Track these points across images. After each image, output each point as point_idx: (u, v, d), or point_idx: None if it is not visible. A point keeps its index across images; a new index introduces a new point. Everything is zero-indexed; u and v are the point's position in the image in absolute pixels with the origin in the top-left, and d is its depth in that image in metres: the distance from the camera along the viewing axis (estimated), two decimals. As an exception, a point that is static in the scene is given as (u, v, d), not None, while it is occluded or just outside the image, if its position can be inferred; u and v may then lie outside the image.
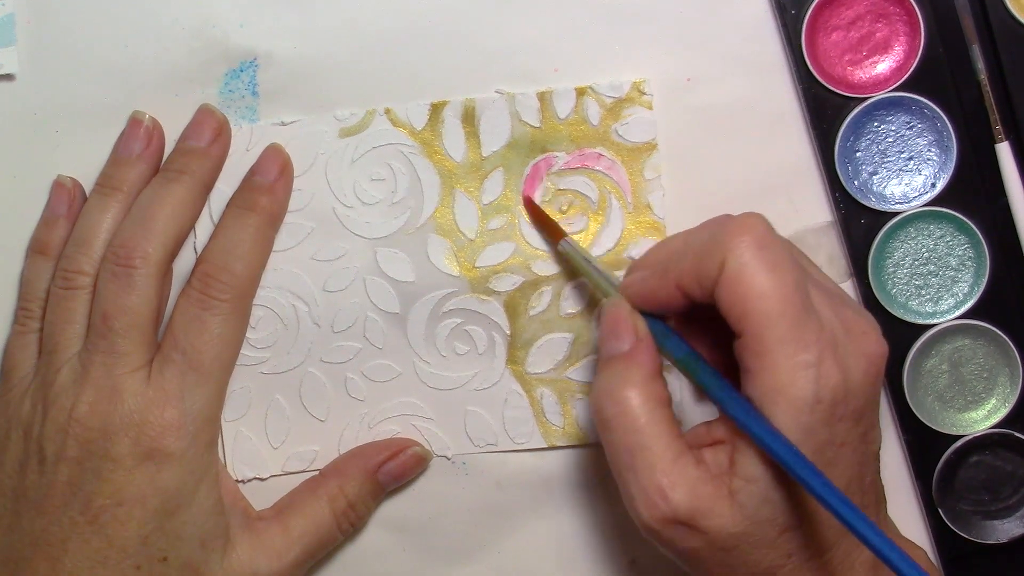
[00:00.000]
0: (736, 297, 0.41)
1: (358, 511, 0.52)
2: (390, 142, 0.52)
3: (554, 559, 0.53)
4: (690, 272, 0.42)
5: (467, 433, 0.53)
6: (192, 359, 0.49)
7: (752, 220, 0.42)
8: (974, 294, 0.52)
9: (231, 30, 0.52)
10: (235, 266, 0.50)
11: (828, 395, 0.40)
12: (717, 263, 0.41)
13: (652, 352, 0.44)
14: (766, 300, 0.40)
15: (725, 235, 0.42)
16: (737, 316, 0.41)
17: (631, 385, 0.43)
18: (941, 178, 0.51)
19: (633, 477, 0.42)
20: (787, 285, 0.41)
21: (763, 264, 0.41)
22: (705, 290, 0.42)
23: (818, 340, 0.41)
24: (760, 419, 0.40)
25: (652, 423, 0.42)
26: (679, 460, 0.42)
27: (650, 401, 0.43)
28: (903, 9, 0.51)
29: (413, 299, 0.52)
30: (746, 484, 0.41)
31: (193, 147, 0.51)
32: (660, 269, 0.44)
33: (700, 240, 0.43)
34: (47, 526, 0.48)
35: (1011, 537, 0.52)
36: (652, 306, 0.45)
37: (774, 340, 0.40)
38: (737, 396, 0.41)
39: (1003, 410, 0.52)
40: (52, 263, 0.51)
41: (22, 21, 0.52)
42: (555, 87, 0.52)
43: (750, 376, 0.41)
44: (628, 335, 0.44)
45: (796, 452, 0.39)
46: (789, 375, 0.40)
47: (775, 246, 0.42)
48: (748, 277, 0.41)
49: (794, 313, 0.40)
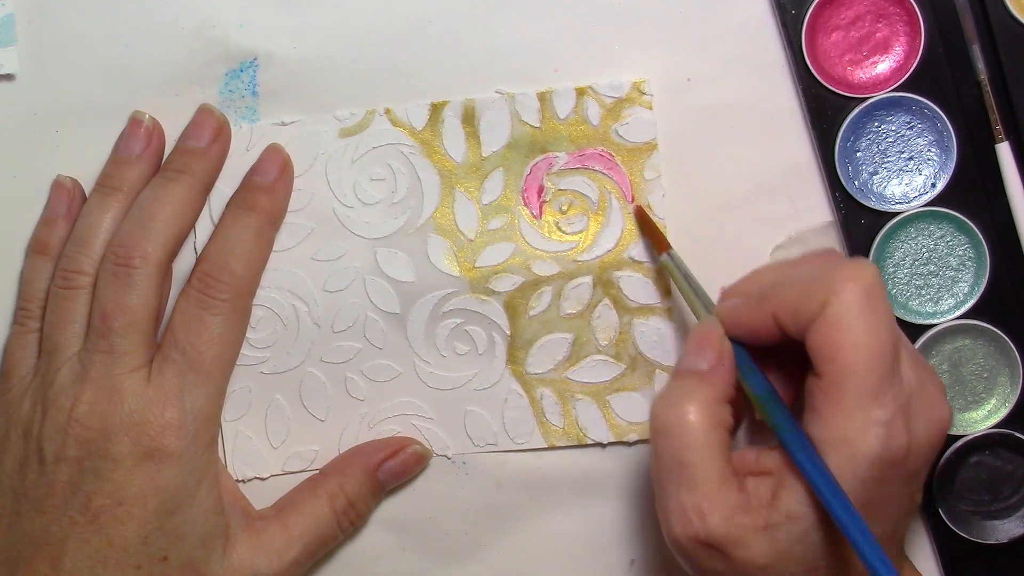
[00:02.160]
0: (829, 341, 0.41)
1: (358, 510, 0.52)
2: (390, 142, 0.52)
3: (554, 559, 0.53)
4: (788, 306, 0.42)
5: (467, 433, 0.53)
6: (192, 359, 0.49)
7: (864, 269, 0.42)
8: (974, 294, 0.52)
9: (231, 30, 0.52)
10: (235, 266, 0.50)
11: (891, 454, 0.40)
12: (819, 302, 0.41)
13: (728, 378, 0.44)
14: (859, 352, 0.40)
15: (834, 277, 0.41)
16: (826, 359, 0.41)
17: (696, 401, 0.43)
18: (941, 178, 0.51)
19: (675, 490, 0.42)
20: (882, 343, 0.41)
21: (865, 315, 0.41)
22: (800, 326, 0.42)
23: (895, 400, 0.41)
24: (824, 470, 0.40)
25: (707, 444, 0.42)
26: (724, 485, 0.42)
27: (711, 421, 0.43)
28: (903, 9, 0.51)
29: (413, 299, 0.52)
30: (786, 521, 0.41)
31: (193, 147, 0.51)
32: (756, 298, 0.44)
33: (805, 275, 0.43)
34: (47, 526, 0.48)
35: (1011, 537, 0.52)
36: (743, 334, 0.45)
37: (854, 392, 0.40)
38: (806, 443, 0.41)
39: (1003, 410, 0.52)
40: (52, 263, 0.51)
41: (22, 21, 0.52)
42: (555, 87, 0.52)
43: (818, 417, 0.41)
44: (710, 355, 0.44)
45: (850, 507, 0.39)
46: (860, 429, 0.40)
47: (881, 300, 0.41)
48: (847, 325, 0.41)
49: (881, 371, 0.41)
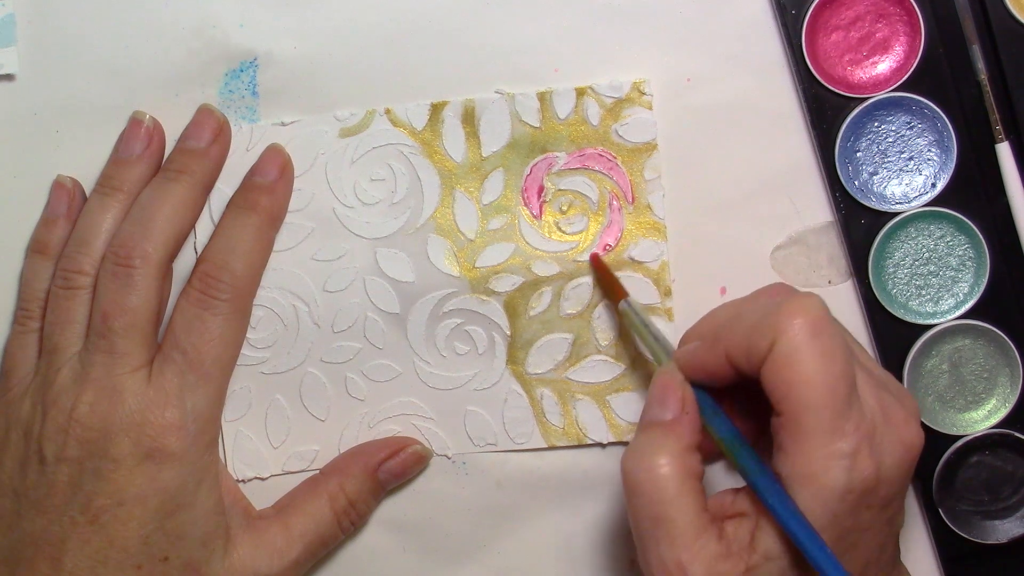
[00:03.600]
0: (781, 379, 0.41)
1: (359, 509, 0.52)
2: (390, 142, 0.52)
3: (554, 559, 0.53)
4: (740, 346, 0.42)
5: (467, 433, 0.53)
6: (192, 359, 0.49)
7: (809, 303, 0.41)
8: (974, 294, 0.52)
9: (231, 30, 0.52)
10: (235, 266, 0.50)
11: (859, 485, 0.40)
12: (767, 341, 0.41)
13: (694, 425, 0.44)
14: (811, 388, 0.40)
15: (780, 315, 0.41)
16: (780, 397, 0.41)
17: (665, 454, 0.43)
18: (941, 178, 0.51)
19: (654, 546, 0.42)
20: (834, 376, 0.40)
21: (813, 351, 0.41)
22: (753, 366, 0.42)
23: (856, 430, 0.40)
24: (793, 510, 0.40)
25: (680, 495, 0.42)
26: (702, 536, 0.42)
27: (681, 473, 0.42)
28: (903, 9, 0.51)
29: (413, 299, 0.52)
30: (765, 561, 0.41)
31: (193, 147, 0.51)
32: (711, 339, 0.44)
33: (753, 313, 0.43)
34: (47, 526, 0.48)
35: (1011, 537, 0.52)
36: (702, 376, 0.45)
37: (812, 428, 0.40)
38: (774, 484, 0.41)
39: (1003, 410, 0.52)
40: (52, 263, 0.51)
41: (22, 21, 0.52)
42: (555, 87, 0.52)
43: (783, 455, 0.41)
44: (674, 405, 0.44)
45: (820, 542, 0.39)
46: (823, 463, 0.40)
47: (828, 333, 0.41)
48: (796, 362, 0.40)
49: (836, 404, 0.40)
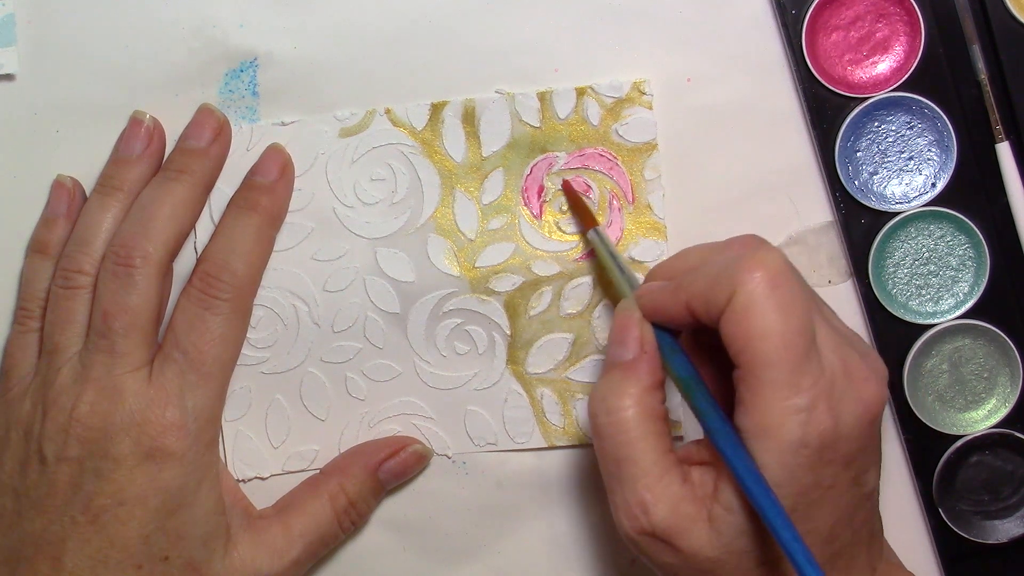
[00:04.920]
0: (738, 332, 0.40)
1: (359, 509, 0.52)
2: (390, 142, 0.52)
3: (554, 559, 0.53)
4: (700, 296, 0.42)
5: (467, 433, 0.53)
6: (193, 359, 0.49)
7: (768, 256, 0.41)
8: (974, 294, 0.52)
9: (231, 30, 0.52)
10: (236, 265, 0.50)
11: (815, 440, 0.40)
12: (726, 293, 0.41)
13: (654, 365, 0.44)
14: (767, 341, 0.40)
15: (739, 267, 0.41)
16: (737, 350, 0.41)
17: (627, 396, 0.43)
18: (941, 178, 0.51)
19: (618, 487, 0.42)
20: (791, 329, 0.40)
21: (771, 304, 0.40)
22: (711, 317, 0.42)
23: (814, 385, 0.40)
24: (743, 456, 0.40)
25: (642, 436, 0.42)
26: (665, 476, 0.42)
27: (643, 414, 0.43)
28: (903, 9, 0.51)
29: (413, 299, 0.52)
30: (725, 513, 0.41)
31: (193, 147, 0.51)
32: (674, 284, 0.44)
33: (716, 264, 0.42)
34: (48, 526, 0.48)
35: (1011, 537, 0.52)
36: (662, 319, 0.44)
37: (768, 381, 0.40)
38: (727, 429, 0.41)
39: (1003, 410, 0.52)
40: (52, 263, 0.51)
41: (22, 21, 0.52)
42: (555, 87, 0.52)
43: (742, 408, 0.41)
44: (633, 344, 0.44)
45: (768, 493, 0.39)
46: (779, 417, 0.40)
47: (787, 286, 0.41)
48: (753, 315, 0.40)
49: (792, 358, 0.40)
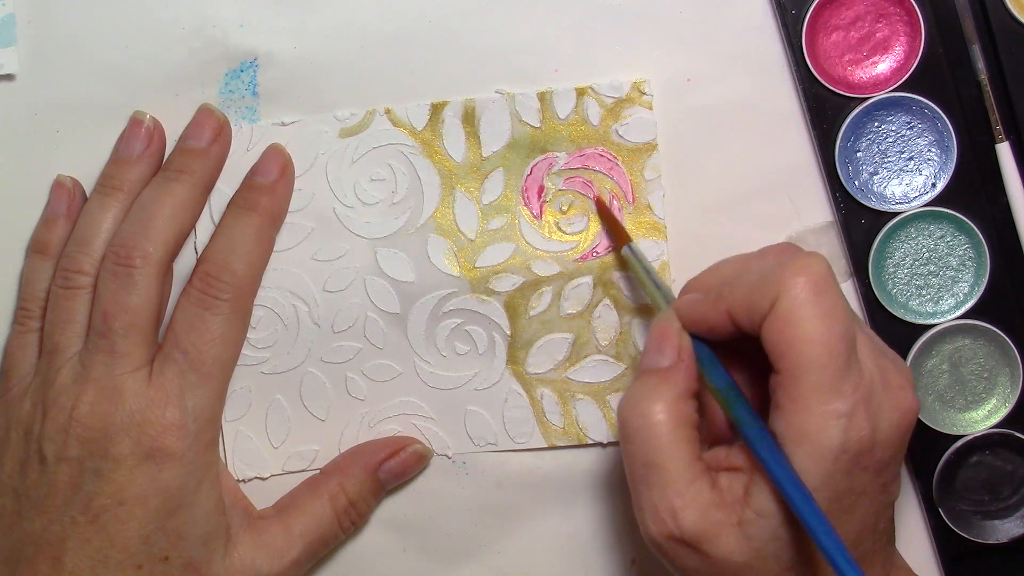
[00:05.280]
0: (782, 337, 0.41)
1: (359, 509, 0.52)
2: (390, 142, 0.52)
3: (554, 559, 0.53)
4: (742, 302, 0.42)
5: (467, 433, 0.53)
6: (193, 359, 0.49)
7: (812, 261, 0.42)
8: (974, 294, 0.52)
9: (231, 30, 0.52)
10: (236, 266, 0.50)
11: (854, 446, 0.40)
12: (770, 299, 0.41)
13: (690, 374, 0.44)
14: (811, 346, 0.40)
15: (782, 273, 0.41)
16: (780, 355, 0.41)
17: (660, 401, 0.43)
18: (941, 178, 0.51)
19: (647, 491, 0.42)
20: (835, 335, 0.41)
21: (815, 310, 0.41)
22: (754, 323, 0.42)
23: (855, 391, 0.41)
24: (785, 464, 0.40)
25: (673, 442, 0.42)
26: (695, 483, 0.42)
27: (675, 419, 0.43)
28: (903, 9, 0.51)
29: (413, 299, 0.52)
30: (757, 518, 0.41)
31: (193, 147, 0.51)
32: (713, 294, 0.44)
33: (757, 271, 0.43)
34: (48, 526, 0.48)
35: (1011, 537, 0.52)
36: (701, 329, 0.45)
37: (811, 386, 0.40)
38: (767, 437, 0.41)
39: (1003, 410, 0.52)
40: (52, 263, 0.51)
41: (22, 21, 0.52)
42: (555, 87, 0.52)
43: (780, 413, 0.41)
44: (670, 352, 0.44)
45: (810, 500, 0.39)
46: (819, 422, 0.40)
47: (831, 292, 0.41)
48: (797, 320, 0.41)
49: (836, 363, 0.40)
